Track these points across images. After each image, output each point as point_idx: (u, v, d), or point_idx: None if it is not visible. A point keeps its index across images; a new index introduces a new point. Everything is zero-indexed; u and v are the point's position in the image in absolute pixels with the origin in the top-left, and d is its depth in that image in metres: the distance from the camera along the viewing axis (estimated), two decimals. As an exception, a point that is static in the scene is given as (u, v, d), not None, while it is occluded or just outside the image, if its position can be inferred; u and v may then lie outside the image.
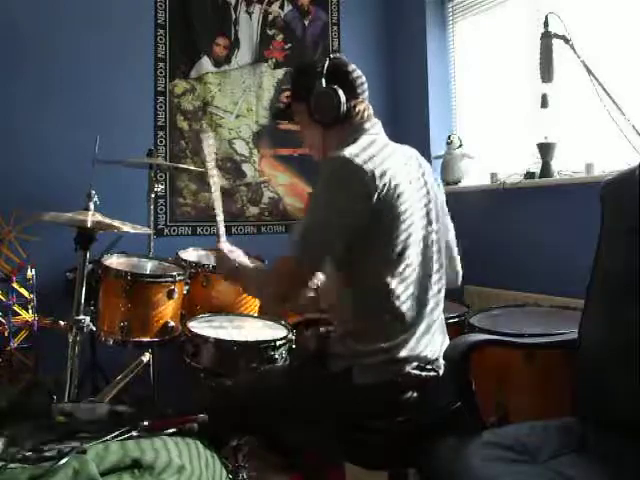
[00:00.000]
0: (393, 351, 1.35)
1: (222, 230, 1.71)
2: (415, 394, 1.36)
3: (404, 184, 1.38)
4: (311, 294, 1.39)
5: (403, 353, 1.35)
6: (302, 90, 1.50)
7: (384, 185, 1.33)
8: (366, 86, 1.52)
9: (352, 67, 1.51)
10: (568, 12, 2.12)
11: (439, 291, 1.48)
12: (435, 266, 1.46)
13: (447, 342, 1.47)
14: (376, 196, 1.32)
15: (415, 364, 1.36)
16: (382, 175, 1.33)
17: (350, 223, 1.33)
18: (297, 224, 1.44)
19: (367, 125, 1.47)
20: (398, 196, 1.36)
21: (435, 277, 1.45)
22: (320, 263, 1.35)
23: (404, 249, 1.37)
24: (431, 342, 1.41)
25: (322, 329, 1.62)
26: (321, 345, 1.51)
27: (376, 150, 1.38)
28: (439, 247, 1.49)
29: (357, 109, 1.47)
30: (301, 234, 1.35)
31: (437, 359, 1.42)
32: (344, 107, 1.44)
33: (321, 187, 1.39)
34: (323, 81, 1.44)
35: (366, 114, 1.49)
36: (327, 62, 1.47)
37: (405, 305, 1.37)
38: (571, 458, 1.19)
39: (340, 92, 1.43)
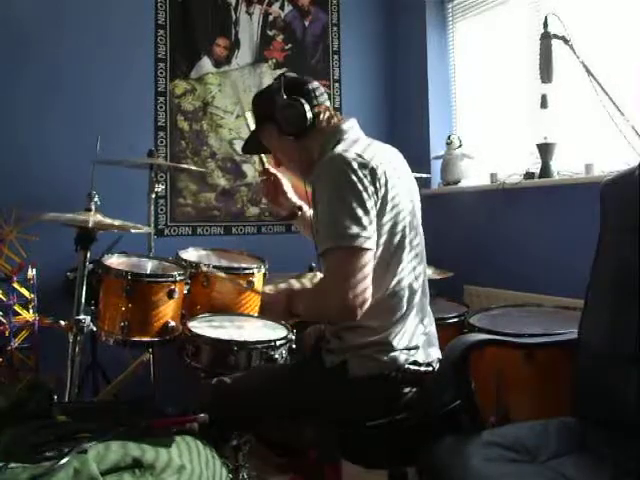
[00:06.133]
0: (386, 342, 1.36)
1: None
2: (413, 390, 1.37)
3: (394, 179, 1.39)
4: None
5: (396, 343, 1.36)
6: (266, 111, 1.51)
7: (381, 179, 1.34)
8: (326, 96, 1.55)
9: (306, 79, 1.55)
10: (568, 12, 2.13)
11: (424, 284, 1.49)
12: (419, 262, 1.46)
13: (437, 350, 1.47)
14: (379, 189, 1.33)
15: (412, 359, 1.37)
16: (377, 168, 1.34)
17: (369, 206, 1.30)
18: (318, 238, 1.37)
19: (345, 126, 1.48)
20: (391, 191, 1.36)
21: (419, 268, 1.46)
22: (361, 239, 1.27)
23: (398, 244, 1.38)
24: (425, 340, 1.42)
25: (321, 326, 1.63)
26: (319, 341, 1.52)
27: (363, 147, 1.39)
28: (421, 242, 1.50)
29: (322, 115, 1.49)
30: (326, 232, 1.31)
31: (433, 361, 1.42)
32: (310, 113, 1.46)
33: (328, 189, 1.34)
34: (283, 94, 1.46)
35: (334, 119, 1.51)
36: (282, 79, 1.50)
37: (397, 297, 1.38)
38: (571, 458, 1.19)
39: (302, 100, 1.46)
